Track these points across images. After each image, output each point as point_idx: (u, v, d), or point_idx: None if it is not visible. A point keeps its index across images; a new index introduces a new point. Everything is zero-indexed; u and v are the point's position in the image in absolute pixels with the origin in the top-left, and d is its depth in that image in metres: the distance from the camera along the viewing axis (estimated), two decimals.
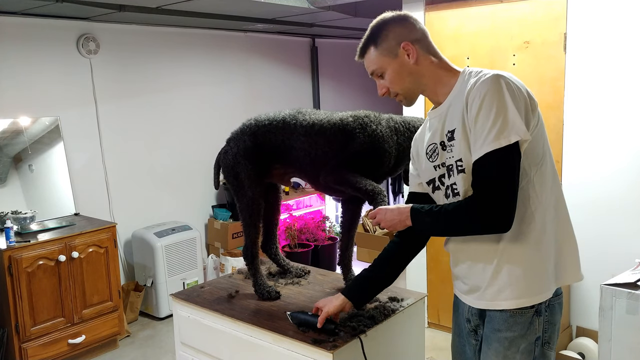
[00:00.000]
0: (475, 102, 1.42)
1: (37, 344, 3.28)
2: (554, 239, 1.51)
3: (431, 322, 3.83)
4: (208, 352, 2.10)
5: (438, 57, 1.58)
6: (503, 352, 1.52)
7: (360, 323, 1.81)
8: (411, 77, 1.57)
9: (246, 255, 2.14)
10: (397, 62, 1.56)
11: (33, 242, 3.25)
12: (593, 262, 2.99)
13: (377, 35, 1.58)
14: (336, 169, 1.93)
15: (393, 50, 1.56)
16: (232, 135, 2.14)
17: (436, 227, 1.56)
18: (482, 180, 1.43)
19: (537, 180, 1.48)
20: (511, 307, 1.51)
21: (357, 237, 4.04)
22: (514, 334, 1.50)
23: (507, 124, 1.38)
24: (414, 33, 1.56)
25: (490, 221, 1.43)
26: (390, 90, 1.61)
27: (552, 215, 1.51)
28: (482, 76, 1.44)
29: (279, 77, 5.53)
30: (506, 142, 1.37)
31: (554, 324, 1.54)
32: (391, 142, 1.91)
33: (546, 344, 1.53)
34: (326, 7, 3.93)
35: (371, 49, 1.59)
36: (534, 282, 1.49)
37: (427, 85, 1.58)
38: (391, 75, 1.58)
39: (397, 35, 1.55)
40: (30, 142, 3.72)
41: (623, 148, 2.97)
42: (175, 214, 4.63)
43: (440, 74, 1.57)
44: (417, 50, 1.55)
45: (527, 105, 1.43)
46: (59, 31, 3.83)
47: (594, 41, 2.99)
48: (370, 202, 1.85)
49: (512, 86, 1.41)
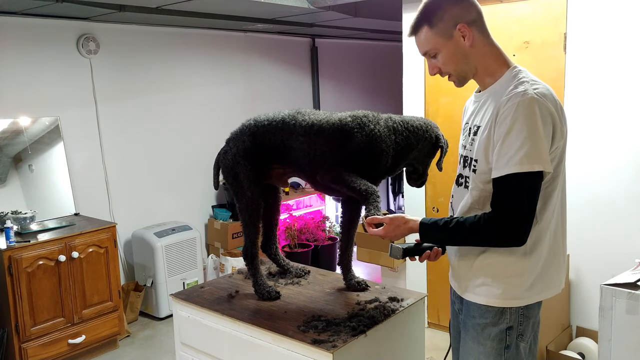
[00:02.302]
0: (507, 120, 1.41)
1: (37, 344, 3.28)
2: (542, 257, 1.54)
3: (431, 322, 3.84)
4: (208, 352, 2.10)
5: (491, 41, 1.56)
6: (477, 338, 1.60)
7: (360, 323, 1.81)
8: (465, 59, 1.54)
9: (246, 255, 2.14)
10: (452, 43, 1.52)
11: (33, 242, 3.25)
12: (593, 262, 3.00)
13: (432, 14, 1.52)
14: (333, 168, 1.93)
15: (448, 32, 1.51)
16: (231, 135, 2.14)
17: (448, 242, 1.60)
18: (502, 202, 1.45)
19: (541, 201, 1.49)
20: (482, 302, 1.58)
21: (357, 237, 4.03)
22: (485, 321, 1.58)
23: (534, 152, 1.38)
24: (471, 14, 1.52)
25: (506, 242, 1.48)
26: (442, 70, 1.58)
27: (547, 237, 1.54)
28: (520, 94, 1.41)
29: (278, 77, 5.53)
30: (529, 168, 1.38)
31: (529, 317, 1.58)
32: (388, 142, 1.91)
33: (519, 336, 1.57)
34: (326, 7, 3.93)
35: (424, 29, 1.54)
36: (508, 289, 1.54)
37: (478, 70, 1.56)
38: (445, 57, 1.54)
39: (453, 15, 1.51)
40: (30, 142, 3.72)
41: (623, 148, 2.96)
42: (175, 214, 4.63)
43: (489, 62, 1.55)
44: (473, 32, 1.51)
45: (556, 129, 1.43)
46: (59, 31, 3.83)
47: (594, 41, 2.99)
48: (363, 201, 1.84)
49: (546, 113, 1.40)
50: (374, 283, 2.22)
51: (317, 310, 1.96)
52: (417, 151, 1.97)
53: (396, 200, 6.42)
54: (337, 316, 1.89)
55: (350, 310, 1.93)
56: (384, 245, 4.06)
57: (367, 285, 2.18)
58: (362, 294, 2.12)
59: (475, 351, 1.61)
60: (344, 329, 1.79)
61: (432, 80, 3.59)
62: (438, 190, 3.65)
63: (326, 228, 5.27)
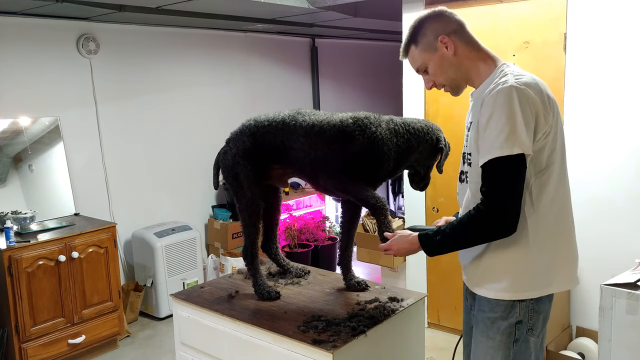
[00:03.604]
0: (487, 109, 1.49)
1: (37, 344, 3.28)
2: (549, 247, 1.57)
3: (431, 322, 3.83)
4: (208, 352, 2.10)
5: (477, 47, 1.65)
6: (486, 332, 1.63)
7: (360, 323, 1.81)
8: (452, 67, 1.64)
9: (246, 255, 2.14)
10: (437, 55, 1.64)
11: (33, 242, 3.25)
12: (593, 262, 2.99)
13: (416, 34, 1.66)
14: (336, 173, 1.93)
15: (432, 45, 1.64)
16: (231, 135, 2.14)
17: (447, 243, 1.62)
18: (487, 186, 1.50)
19: (536, 189, 1.54)
20: (491, 297, 1.61)
21: (357, 237, 4.03)
22: (495, 314, 1.61)
23: (513, 135, 1.44)
24: (450, 25, 1.64)
25: (495, 231, 1.51)
26: (435, 82, 1.69)
27: (550, 224, 1.57)
28: (501, 84, 1.50)
29: (278, 77, 5.52)
30: (509, 151, 1.44)
31: (540, 312, 1.61)
32: (390, 145, 1.90)
33: (529, 330, 1.60)
34: (326, 7, 3.93)
35: (412, 48, 1.68)
36: (515, 281, 1.57)
37: (468, 75, 1.66)
38: (434, 68, 1.66)
39: (434, 30, 1.63)
40: (30, 142, 3.72)
41: (623, 147, 2.96)
42: (175, 214, 4.63)
43: (478, 65, 1.64)
44: (454, 41, 1.62)
45: (540, 117, 1.49)
46: (59, 31, 3.83)
47: (593, 41, 2.98)
48: (373, 214, 1.88)
49: (524, 99, 1.47)
50: (374, 283, 2.22)
51: (317, 310, 1.96)
52: (417, 153, 1.97)
53: (396, 200, 6.40)
54: (337, 316, 1.89)
55: (350, 310, 1.93)
56: None
57: (367, 285, 2.18)
58: (362, 294, 2.12)
59: (484, 345, 1.64)
60: (344, 329, 1.79)
61: None
62: (438, 190, 3.65)
63: (326, 228, 5.27)
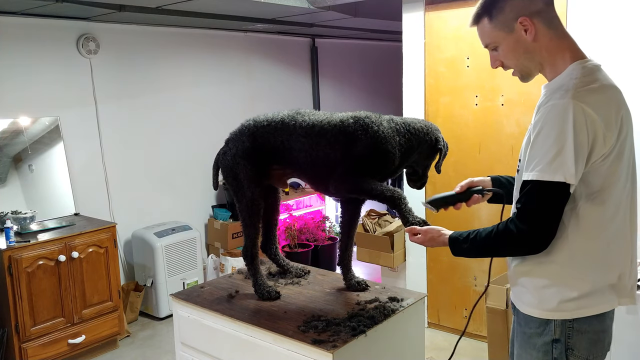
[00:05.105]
0: (539, 123, 1.35)
1: (37, 344, 3.28)
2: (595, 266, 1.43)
3: (431, 322, 3.83)
4: (208, 352, 2.10)
5: (560, 33, 1.44)
6: (524, 346, 1.53)
7: (360, 323, 1.81)
8: (527, 54, 1.44)
9: (246, 255, 2.14)
10: (513, 37, 1.43)
11: (33, 242, 3.25)
12: None
13: (493, 6, 1.44)
14: (345, 176, 1.91)
15: (509, 25, 1.42)
16: (230, 135, 2.14)
17: (473, 252, 1.55)
18: (522, 204, 1.40)
19: (584, 212, 1.40)
20: (525, 312, 1.51)
21: (357, 237, 4.03)
22: (530, 330, 1.50)
23: (558, 160, 1.31)
24: (535, 4, 1.41)
25: (522, 247, 1.44)
26: (503, 64, 1.50)
27: (594, 251, 1.43)
28: (560, 96, 1.34)
29: (278, 77, 5.53)
30: (550, 177, 1.33)
31: (582, 332, 1.44)
32: (394, 143, 1.90)
33: (569, 350, 1.45)
34: (326, 7, 3.93)
35: (485, 20, 1.46)
36: (543, 299, 1.46)
37: (542, 65, 1.46)
38: (505, 51, 1.46)
39: (514, 7, 1.41)
40: (30, 142, 3.72)
41: None
42: (175, 214, 4.63)
43: (555, 57, 1.43)
44: (536, 25, 1.41)
45: (598, 139, 1.33)
46: (59, 31, 3.83)
47: (593, 41, 2.98)
48: (393, 207, 1.84)
49: (581, 118, 1.30)
50: (374, 283, 2.22)
51: (317, 310, 1.96)
52: (417, 153, 1.97)
53: None
54: (337, 316, 1.89)
55: (350, 310, 1.93)
56: (382, 244, 4.06)
57: (367, 285, 2.18)
58: (362, 294, 2.12)
59: (523, 359, 1.54)
60: (344, 329, 1.79)
61: (432, 80, 3.59)
62: (438, 190, 3.63)
63: (326, 228, 5.27)
